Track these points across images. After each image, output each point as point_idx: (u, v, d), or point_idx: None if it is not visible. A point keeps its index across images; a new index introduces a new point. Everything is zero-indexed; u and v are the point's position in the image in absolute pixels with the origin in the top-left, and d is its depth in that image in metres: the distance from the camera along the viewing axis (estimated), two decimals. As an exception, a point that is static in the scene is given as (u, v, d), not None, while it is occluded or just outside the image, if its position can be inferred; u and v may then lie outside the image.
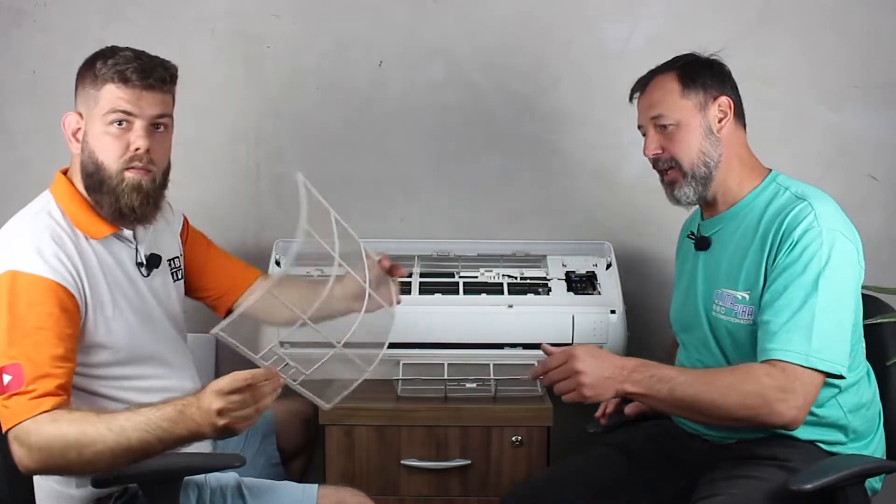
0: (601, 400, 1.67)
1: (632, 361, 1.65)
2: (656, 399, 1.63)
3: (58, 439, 1.47)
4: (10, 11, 2.42)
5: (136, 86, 1.64)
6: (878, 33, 2.39)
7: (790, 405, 1.58)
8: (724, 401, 1.60)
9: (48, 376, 1.52)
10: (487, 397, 2.06)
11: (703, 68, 1.80)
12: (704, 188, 1.78)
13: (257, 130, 2.45)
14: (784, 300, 1.64)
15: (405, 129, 2.45)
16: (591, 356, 1.63)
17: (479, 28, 2.43)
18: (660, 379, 1.62)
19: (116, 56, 1.66)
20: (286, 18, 2.42)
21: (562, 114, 2.44)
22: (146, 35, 2.40)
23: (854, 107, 2.41)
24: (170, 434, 1.46)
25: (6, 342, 1.53)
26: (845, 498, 1.57)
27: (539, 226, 2.47)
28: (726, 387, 1.60)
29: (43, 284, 1.57)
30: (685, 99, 1.78)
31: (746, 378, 1.60)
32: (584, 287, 2.23)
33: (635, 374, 1.63)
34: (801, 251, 1.65)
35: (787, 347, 1.60)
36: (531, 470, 2.00)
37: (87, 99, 1.67)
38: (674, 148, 1.78)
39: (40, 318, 1.54)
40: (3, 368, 1.51)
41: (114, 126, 1.65)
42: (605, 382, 1.62)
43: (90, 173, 1.67)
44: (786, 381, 1.59)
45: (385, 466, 2.01)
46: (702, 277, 1.83)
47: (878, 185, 2.43)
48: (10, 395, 1.50)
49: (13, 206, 2.51)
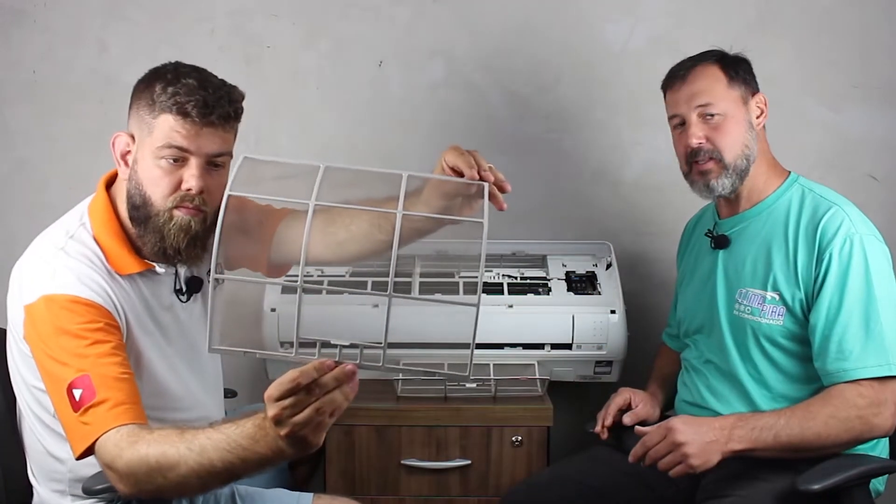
0: (709, 466, 1.64)
1: (728, 419, 1.67)
2: (764, 449, 1.64)
3: (140, 463, 1.35)
4: (10, 11, 2.42)
5: (196, 123, 1.50)
6: (877, 33, 2.39)
7: (885, 417, 1.62)
8: (828, 432, 1.62)
9: (119, 387, 1.42)
10: (487, 397, 2.06)
11: (742, 62, 1.81)
12: (740, 181, 1.78)
13: (257, 130, 2.44)
14: (844, 316, 1.65)
15: (405, 129, 2.45)
16: (688, 424, 1.65)
17: (479, 28, 2.43)
18: (762, 428, 1.64)
19: (178, 83, 1.51)
20: (286, 18, 2.42)
21: (562, 114, 2.44)
22: (146, 35, 2.41)
23: (854, 107, 2.41)
24: (253, 453, 1.29)
25: (67, 357, 1.43)
26: (851, 498, 1.58)
27: (539, 226, 2.46)
28: (827, 417, 1.62)
29: (83, 302, 1.48)
30: (731, 90, 1.78)
31: (842, 405, 1.63)
32: (584, 287, 2.23)
33: (737, 431, 1.64)
34: (846, 262, 1.66)
35: (865, 364, 1.63)
36: (531, 470, 2.00)
37: (141, 124, 1.53)
38: (719, 139, 1.76)
39: (92, 333, 1.45)
40: (71, 384, 1.41)
41: (166, 161, 1.52)
42: (709, 447, 1.63)
43: (136, 206, 1.55)
44: (876, 396, 1.62)
45: (385, 466, 2.01)
46: (721, 276, 1.83)
47: (878, 185, 2.43)
48: (86, 408, 1.40)
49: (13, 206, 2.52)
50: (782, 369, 1.74)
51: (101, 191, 1.62)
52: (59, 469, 1.60)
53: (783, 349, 1.74)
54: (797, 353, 1.73)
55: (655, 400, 1.99)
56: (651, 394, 2.00)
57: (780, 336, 1.73)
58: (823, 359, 1.66)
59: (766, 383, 1.75)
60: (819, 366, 1.67)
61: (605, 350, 2.13)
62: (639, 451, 1.69)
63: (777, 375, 1.74)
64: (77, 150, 2.42)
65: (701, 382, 1.86)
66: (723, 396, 1.80)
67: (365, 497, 1.99)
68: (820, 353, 1.67)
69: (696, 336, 1.91)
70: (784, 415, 1.65)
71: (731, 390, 1.79)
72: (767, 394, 1.75)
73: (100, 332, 1.47)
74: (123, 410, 1.41)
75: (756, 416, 1.67)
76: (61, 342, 1.45)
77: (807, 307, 1.71)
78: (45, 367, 1.47)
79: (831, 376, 1.65)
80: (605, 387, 2.15)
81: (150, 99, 1.53)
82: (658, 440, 1.66)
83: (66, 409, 1.43)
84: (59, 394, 1.44)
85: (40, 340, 1.47)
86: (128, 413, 1.41)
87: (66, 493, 1.61)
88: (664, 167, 2.39)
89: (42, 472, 1.63)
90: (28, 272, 1.55)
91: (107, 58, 2.42)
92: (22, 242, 1.70)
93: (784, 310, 1.72)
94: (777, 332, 1.73)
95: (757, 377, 1.76)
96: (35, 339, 1.49)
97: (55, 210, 1.71)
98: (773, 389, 1.75)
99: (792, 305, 1.71)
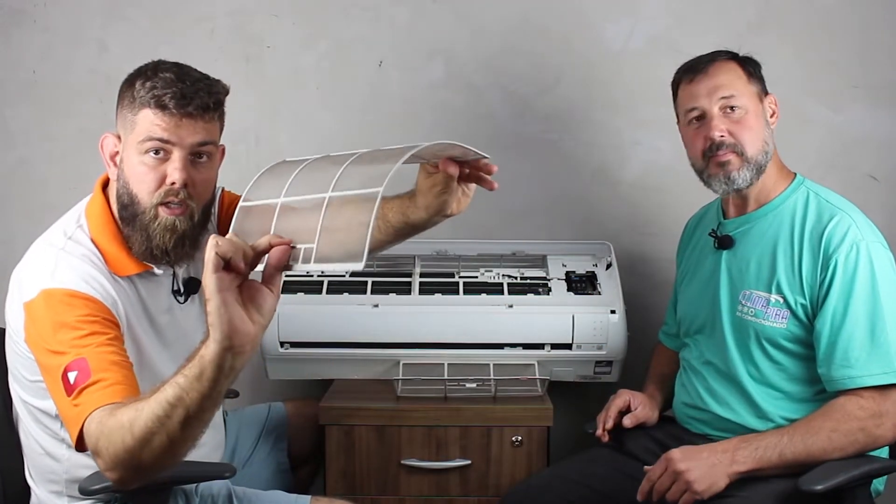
0: (717, 491, 1.64)
1: (731, 442, 1.68)
2: (769, 468, 1.64)
3: (117, 429, 1.27)
4: (10, 11, 2.42)
5: (174, 114, 1.50)
6: (877, 33, 2.39)
7: (887, 427, 1.63)
8: (833, 446, 1.62)
9: (116, 370, 1.38)
10: (487, 397, 2.06)
11: (754, 63, 1.82)
12: (758, 177, 1.77)
13: (257, 130, 2.45)
14: (850, 323, 1.65)
15: (405, 129, 2.45)
16: (686, 452, 1.67)
17: (479, 28, 2.43)
18: (766, 448, 1.65)
19: (156, 77, 1.51)
20: (286, 18, 2.42)
21: (562, 114, 2.44)
22: (146, 35, 2.41)
23: (854, 107, 2.41)
24: (195, 372, 1.16)
25: (64, 347, 1.41)
26: (853, 499, 1.58)
27: (539, 226, 2.46)
28: (829, 432, 1.63)
29: (82, 296, 1.47)
30: (751, 86, 1.79)
31: (844, 418, 1.63)
32: (584, 287, 2.23)
33: (741, 453, 1.65)
34: (852, 269, 1.66)
35: (869, 372, 1.63)
36: (531, 470, 2.00)
37: (125, 122, 1.54)
38: (742, 132, 1.76)
39: (90, 325, 1.44)
40: (67, 367, 1.38)
41: (149, 155, 1.51)
42: (713, 471, 1.64)
43: (125, 205, 1.54)
44: (878, 406, 1.63)
45: (385, 466, 2.01)
46: (725, 277, 1.82)
47: (878, 185, 2.43)
48: (80, 390, 1.36)
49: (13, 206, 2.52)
50: (785, 370, 1.74)
51: (98, 192, 1.62)
52: (56, 469, 1.60)
53: (786, 351, 1.74)
54: (800, 354, 1.73)
55: (654, 402, 1.99)
56: (649, 395, 2.00)
57: (782, 339, 1.73)
58: (828, 365, 1.66)
59: (768, 383, 1.75)
60: (823, 372, 1.68)
61: (605, 350, 2.13)
62: (645, 487, 1.70)
63: (780, 375, 1.74)
64: (77, 150, 2.42)
65: (700, 384, 1.86)
66: (722, 398, 1.80)
67: (365, 497, 1.99)
68: (825, 360, 1.67)
69: (696, 336, 1.91)
70: (787, 433, 1.65)
71: (730, 391, 1.79)
72: (770, 393, 1.74)
73: (97, 325, 1.44)
74: (118, 389, 1.36)
75: (759, 436, 1.68)
76: (59, 335, 1.43)
77: (811, 312, 1.71)
78: (43, 362, 1.46)
79: (836, 383, 1.66)
80: (606, 387, 2.15)
81: (131, 96, 1.53)
82: (660, 473, 1.67)
83: (61, 396, 1.39)
84: (56, 383, 1.40)
85: (39, 336, 1.46)
86: (121, 392, 1.35)
87: (62, 493, 1.61)
88: (664, 167, 2.39)
89: (39, 473, 1.63)
90: (27, 272, 1.54)
91: (107, 58, 2.42)
92: (22, 242, 1.70)
93: (788, 313, 1.72)
94: (780, 334, 1.73)
95: (759, 378, 1.76)
96: (35, 336, 1.47)
97: (55, 210, 1.71)
98: (776, 389, 1.74)
99: (795, 309, 1.71)
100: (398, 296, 2.18)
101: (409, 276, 2.26)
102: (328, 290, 2.19)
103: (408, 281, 2.23)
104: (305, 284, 2.20)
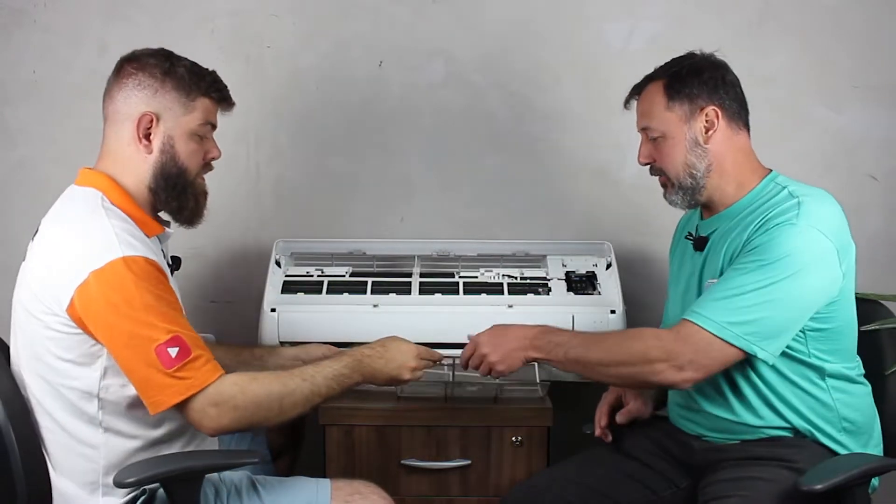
0: (514, 370, 1.77)
1: (533, 329, 1.77)
2: (556, 362, 1.75)
3: (266, 395, 1.58)
4: (10, 11, 2.42)
5: (225, 106, 1.76)
6: (878, 33, 2.39)
7: (671, 364, 1.63)
8: (609, 359, 1.70)
9: (203, 345, 1.58)
10: (487, 397, 2.06)
11: (691, 77, 1.78)
12: (692, 197, 1.79)
13: (257, 130, 2.45)
14: (733, 279, 1.65)
15: (405, 129, 2.45)
16: (491, 336, 1.79)
17: (479, 28, 2.43)
18: (557, 344, 1.74)
19: (204, 70, 1.73)
20: (286, 18, 2.42)
21: (562, 114, 2.44)
22: (146, 35, 2.40)
23: (854, 107, 2.41)
24: (349, 379, 1.68)
25: (155, 319, 1.53)
26: (853, 497, 1.57)
27: (539, 226, 2.47)
28: (612, 345, 1.71)
29: (153, 265, 1.59)
30: (669, 112, 1.78)
31: (633, 338, 1.71)
32: (584, 287, 2.23)
33: (536, 341, 1.75)
34: (768, 240, 1.64)
35: (704, 314, 1.64)
36: (531, 470, 2.00)
37: (173, 104, 1.69)
38: (661, 159, 1.81)
39: (169, 294, 1.59)
40: (165, 343, 1.52)
41: (201, 137, 1.73)
42: (512, 354, 1.76)
43: (170, 175, 1.70)
44: (675, 344, 1.64)
45: (385, 466, 2.01)
46: (699, 277, 1.82)
47: (878, 185, 2.43)
48: (183, 365, 1.53)
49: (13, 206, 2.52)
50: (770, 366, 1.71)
51: (100, 175, 1.69)
52: (93, 457, 1.59)
53: None
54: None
55: (645, 395, 1.98)
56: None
57: None
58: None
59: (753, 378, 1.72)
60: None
61: (605, 350, 2.12)
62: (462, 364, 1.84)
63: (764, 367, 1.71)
64: (77, 150, 2.40)
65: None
66: (711, 396, 1.78)
67: (365, 497, 1.99)
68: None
69: None
70: (580, 336, 1.79)
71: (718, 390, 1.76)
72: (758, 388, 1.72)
73: (171, 294, 1.61)
74: (217, 365, 1.58)
75: (559, 331, 1.78)
76: (146, 300, 1.54)
77: None
78: (121, 328, 1.53)
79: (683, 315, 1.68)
80: (605, 387, 2.15)
81: (182, 83, 1.69)
82: (470, 353, 1.80)
83: (151, 367, 1.52)
84: (144, 354, 1.52)
85: (123, 303, 1.53)
86: (219, 366, 1.58)
87: (97, 485, 1.60)
88: (664, 167, 2.39)
89: (69, 465, 1.61)
90: (82, 241, 1.57)
91: (107, 58, 2.40)
92: (22, 242, 1.70)
93: None
94: None
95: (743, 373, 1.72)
96: (105, 305, 1.53)
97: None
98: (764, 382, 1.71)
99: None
100: (398, 296, 2.18)
101: (409, 276, 2.26)
102: (328, 290, 2.19)
103: (408, 281, 2.23)
104: (305, 284, 2.20)
